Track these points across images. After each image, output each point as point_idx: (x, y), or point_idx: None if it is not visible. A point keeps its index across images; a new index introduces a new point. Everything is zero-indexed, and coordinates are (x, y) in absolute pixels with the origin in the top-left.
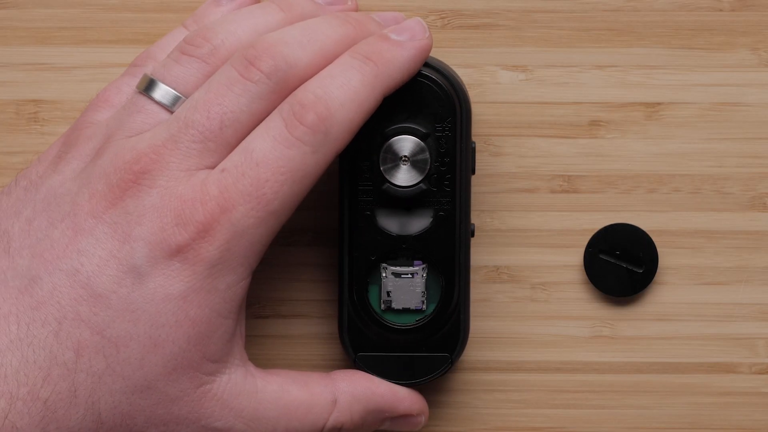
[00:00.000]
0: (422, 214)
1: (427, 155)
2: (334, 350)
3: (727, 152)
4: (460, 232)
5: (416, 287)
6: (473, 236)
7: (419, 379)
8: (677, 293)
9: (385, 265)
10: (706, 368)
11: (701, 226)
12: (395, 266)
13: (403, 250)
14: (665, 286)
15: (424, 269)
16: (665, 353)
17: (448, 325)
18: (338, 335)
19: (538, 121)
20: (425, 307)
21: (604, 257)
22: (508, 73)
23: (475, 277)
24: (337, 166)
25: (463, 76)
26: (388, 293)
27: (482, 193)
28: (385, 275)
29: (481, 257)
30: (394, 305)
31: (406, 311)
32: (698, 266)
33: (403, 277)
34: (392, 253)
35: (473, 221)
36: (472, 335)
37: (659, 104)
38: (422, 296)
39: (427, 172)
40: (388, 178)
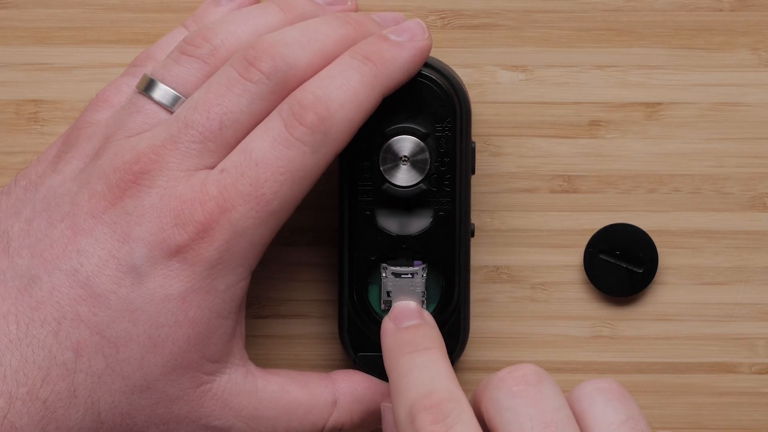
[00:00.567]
0: (422, 214)
1: (427, 155)
2: (334, 350)
3: (727, 152)
4: (460, 232)
5: (416, 287)
6: (473, 236)
7: None
8: (677, 293)
9: (385, 265)
10: (706, 368)
11: (701, 226)
12: (395, 266)
13: (403, 250)
14: (665, 286)
15: (424, 269)
16: (665, 353)
17: (448, 325)
18: (338, 335)
19: (538, 121)
20: (425, 307)
21: (604, 257)
22: (508, 73)
23: (475, 277)
24: (337, 166)
25: (463, 76)
26: (388, 293)
27: (482, 193)
28: (385, 275)
29: (481, 257)
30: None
31: None
32: (698, 266)
33: (403, 277)
34: (392, 253)
35: (473, 221)
36: (472, 335)
37: (659, 104)
38: (422, 296)
39: (427, 172)
40: (388, 178)
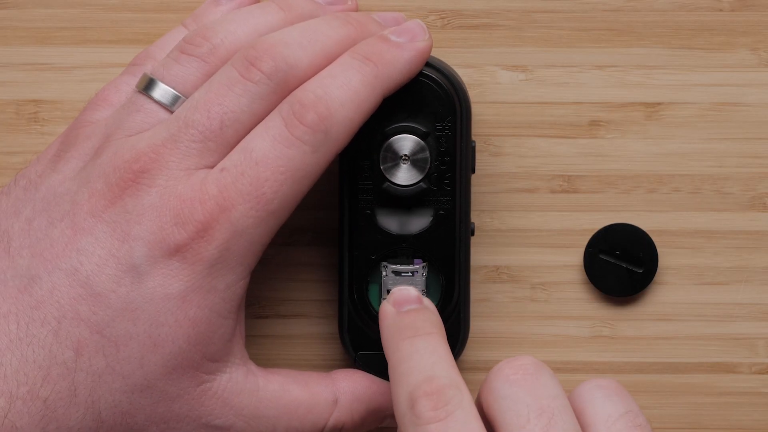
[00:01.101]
0: (422, 213)
1: (427, 154)
2: (334, 350)
3: (727, 152)
4: (460, 230)
5: (416, 285)
6: (473, 235)
7: None
8: (677, 293)
9: (385, 263)
10: (706, 368)
11: (701, 226)
12: (395, 264)
13: (403, 249)
14: (665, 286)
15: (424, 267)
16: (665, 353)
17: (448, 323)
18: (338, 335)
19: (538, 121)
20: None
21: (604, 257)
22: (508, 73)
23: (475, 277)
24: (337, 165)
25: (463, 76)
26: (388, 291)
27: (482, 193)
28: (385, 273)
29: (481, 257)
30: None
31: None
32: (698, 266)
33: (403, 275)
34: (392, 252)
35: (473, 220)
36: (472, 335)
37: (659, 104)
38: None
39: (427, 171)
40: (388, 177)
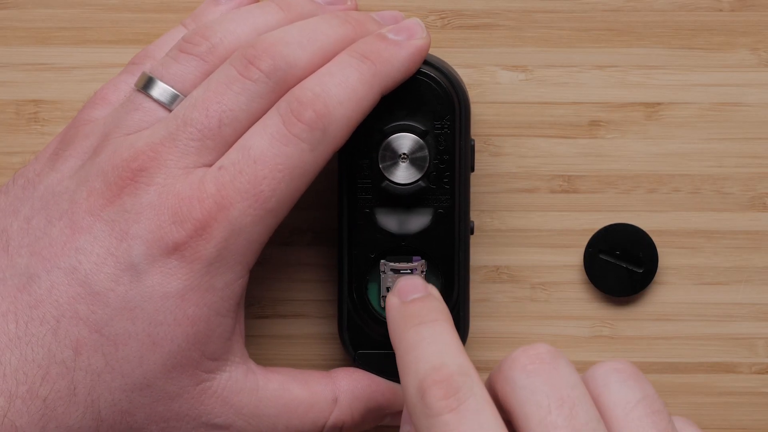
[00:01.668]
0: (421, 211)
1: (426, 153)
2: (334, 350)
3: (726, 152)
4: (459, 229)
5: None
6: (473, 234)
7: None
8: (677, 293)
9: (384, 261)
10: (706, 368)
11: (701, 226)
12: (394, 262)
13: (402, 247)
14: (665, 286)
15: (423, 264)
16: (665, 353)
17: None
18: (338, 334)
19: (538, 121)
20: None
21: (604, 257)
22: (508, 73)
23: (474, 276)
24: (336, 164)
25: (463, 76)
26: (387, 289)
27: (482, 193)
28: (384, 271)
29: (480, 257)
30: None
31: None
32: (698, 266)
33: (402, 272)
34: (391, 250)
35: (473, 220)
36: (471, 335)
37: (659, 104)
38: None
39: (426, 169)
40: (387, 175)
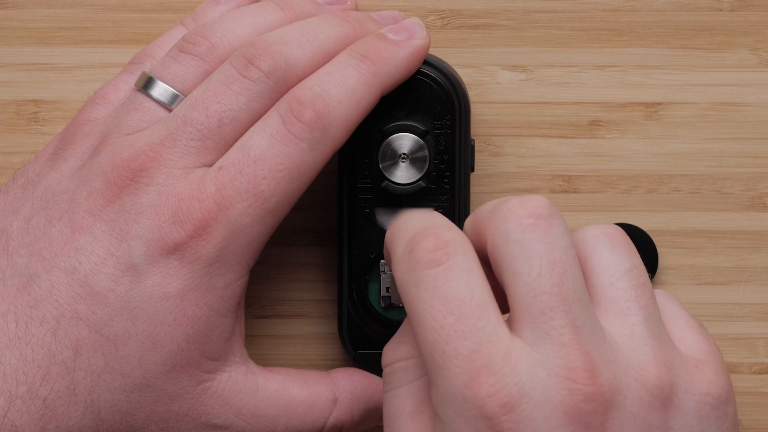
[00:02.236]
0: None
1: (426, 153)
2: (334, 350)
3: (726, 152)
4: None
5: None
6: None
7: None
8: (677, 293)
9: (384, 261)
10: None
11: (701, 226)
12: None
13: None
14: (665, 286)
15: None
16: None
17: None
18: (338, 334)
19: (538, 121)
20: None
21: None
22: (508, 73)
23: None
24: (336, 164)
25: (463, 76)
26: (387, 289)
27: (482, 192)
28: (384, 271)
29: None
30: (393, 302)
31: None
32: (698, 266)
33: None
34: None
35: None
36: None
37: (659, 104)
38: None
39: (426, 169)
40: (387, 175)
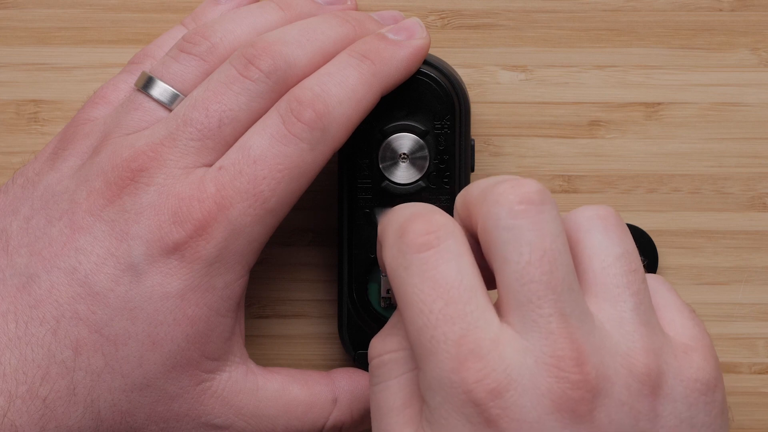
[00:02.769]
0: None
1: (426, 153)
2: (334, 350)
3: (726, 152)
4: None
5: None
6: None
7: None
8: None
9: None
10: None
11: (701, 226)
12: None
13: None
14: None
15: None
16: None
17: None
18: (338, 334)
19: (538, 121)
20: None
21: None
22: (508, 73)
23: None
24: (336, 164)
25: (463, 76)
26: (387, 290)
27: None
28: (384, 273)
29: None
30: (393, 303)
31: None
32: (698, 266)
33: None
34: None
35: None
36: None
37: (659, 104)
38: None
39: (426, 169)
40: (387, 175)
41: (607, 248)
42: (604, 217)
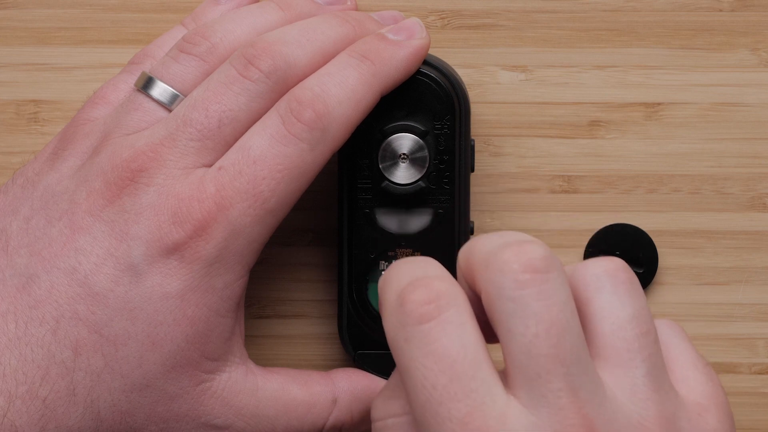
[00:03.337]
0: (421, 212)
1: (425, 153)
2: (334, 350)
3: (726, 152)
4: (459, 229)
5: None
6: (473, 234)
7: None
8: (677, 293)
9: (383, 261)
10: None
11: (701, 226)
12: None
13: (402, 248)
14: (665, 286)
15: None
16: None
17: None
18: (338, 334)
19: (538, 121)
20: None
21: None
22: (508, 73)
23: None
24: (336, 165)
25: (463, 76)
26: None
27: (482, 193)
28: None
29: None
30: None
31: None
32: (698, 266)
33: None
34: (391, 251)
35: (473, 220)
36: None
37: (659, 104)
38: None
39: (425, 169)
40: (387, 176)
41: (617, 310)
42: (613, 274)
